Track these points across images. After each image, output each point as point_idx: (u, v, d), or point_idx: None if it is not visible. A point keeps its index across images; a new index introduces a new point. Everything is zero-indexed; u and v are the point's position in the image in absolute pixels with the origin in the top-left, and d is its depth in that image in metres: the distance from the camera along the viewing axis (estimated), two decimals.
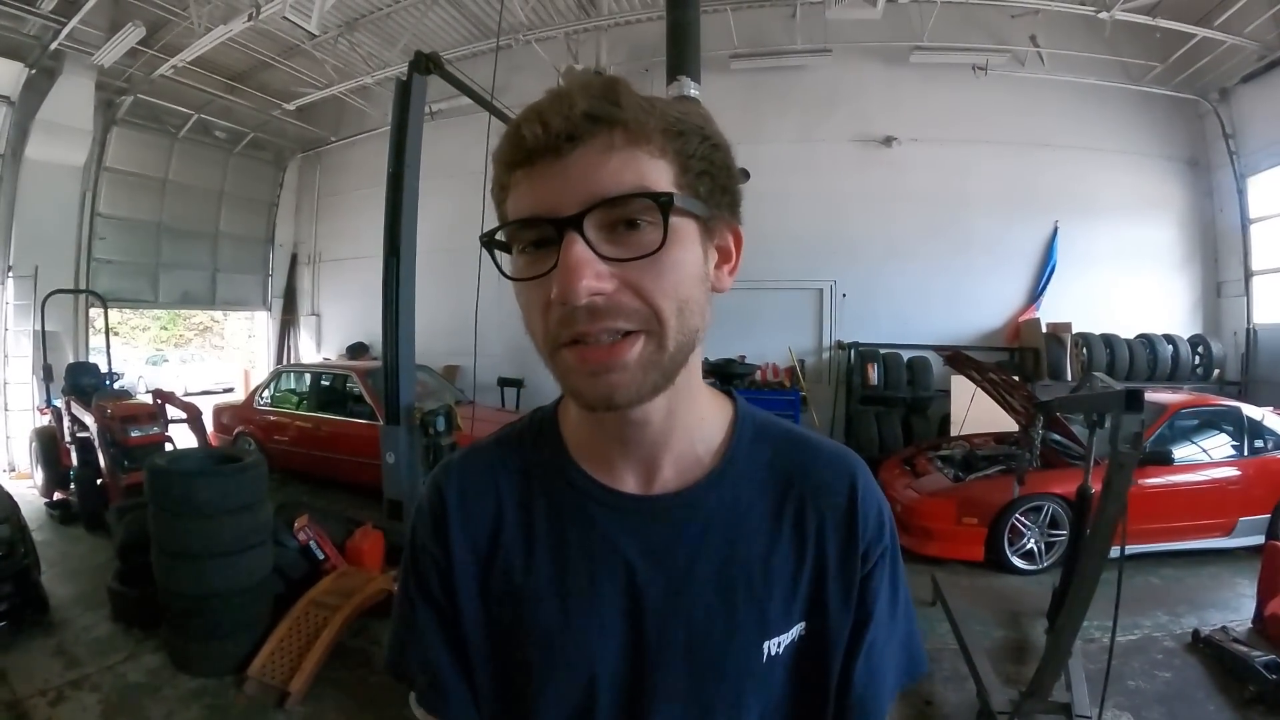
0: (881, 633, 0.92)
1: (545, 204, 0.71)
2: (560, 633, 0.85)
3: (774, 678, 0.87)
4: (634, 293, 0.71)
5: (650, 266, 0.71)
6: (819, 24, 10.16)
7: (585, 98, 0.71)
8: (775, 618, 0.86)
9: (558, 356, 0.75)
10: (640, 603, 0.85)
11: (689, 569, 0.86)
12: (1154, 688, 4.34)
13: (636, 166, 0.71)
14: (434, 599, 0.92)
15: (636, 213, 0.71)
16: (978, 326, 10.79)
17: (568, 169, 0.70)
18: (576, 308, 0.69)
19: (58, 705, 3.88)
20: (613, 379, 0.73)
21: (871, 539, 0.90)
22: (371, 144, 13.46)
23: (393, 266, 5.89)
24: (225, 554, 4.15)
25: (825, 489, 0.91)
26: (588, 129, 0.70)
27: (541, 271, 0.72)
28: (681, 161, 0.74)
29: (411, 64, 5.95)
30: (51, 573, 5.31)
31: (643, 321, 0.72)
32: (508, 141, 0.74)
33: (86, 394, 7.47)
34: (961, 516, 6.25)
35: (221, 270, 14.67)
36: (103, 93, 11.05)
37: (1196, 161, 11.12)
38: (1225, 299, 11.06)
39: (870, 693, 0.91)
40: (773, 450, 0.93)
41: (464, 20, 11.05)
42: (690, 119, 0.76)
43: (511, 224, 0.75)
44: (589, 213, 0.69)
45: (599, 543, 0.87)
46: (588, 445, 0.90)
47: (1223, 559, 6.45)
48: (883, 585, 0.92)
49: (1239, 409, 6.86)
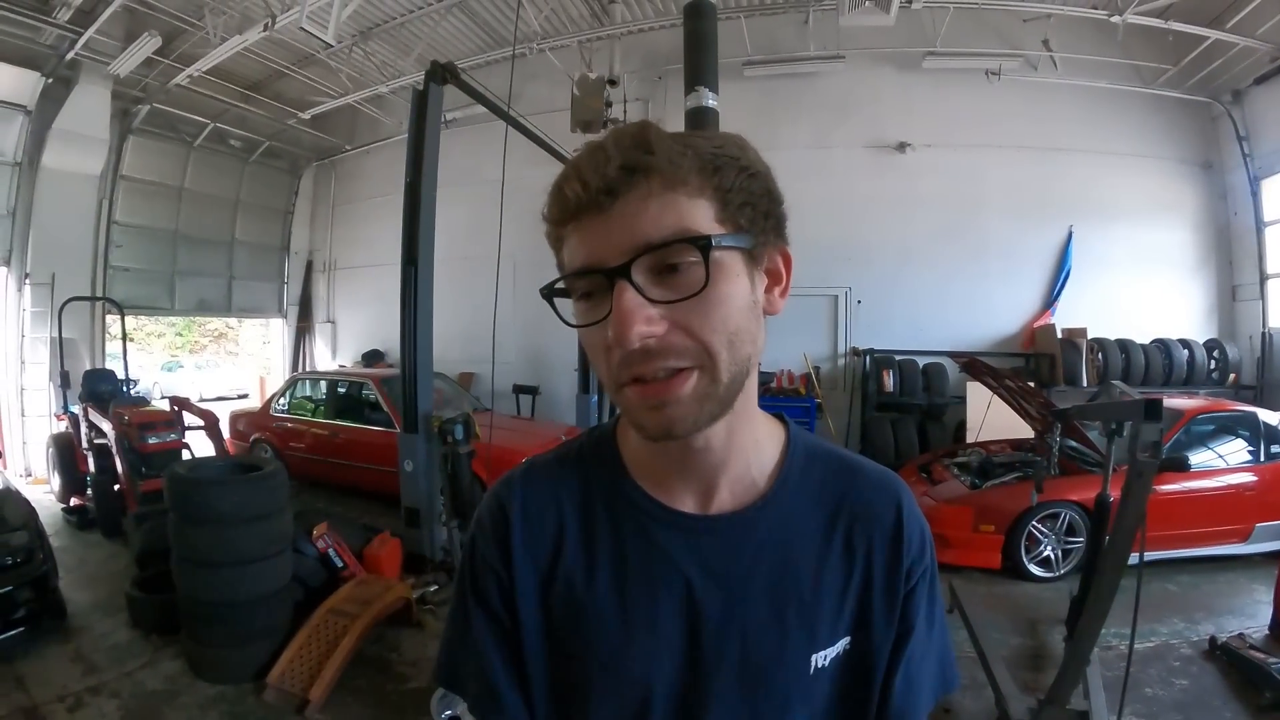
0: (919, 648, 0.95)
1: (595, 256, 0.74)
2: (622, 647, 0.88)
3: (819, 689, 0.91)
4: (684, 332, 0.74)
5: (697, 305, 0.74)
6: (832, 30, 10.17)
7: (619, 151, 0.73)
8: (823, 632, 0.90)
9: (622, 394, 0.79)
10: (699, 618, 0.88)
11: (744, 585, 0.88)
12: (1171, 695, 4.33)
13: (675, 210, 0.73)
14: (493, 611, 0.94)
15: (678, 256, 0.73)
16: (993, 332, 10.77)
17: (610, 221, 0.73)
18: (631, 351, 0.73)
19: (76, 711, 3.90)
20: (670, 412, 0.76)
21: (915, 559, 0.94)
22: (386, 152, 13.58)
23: (411, 275, 5.92)
24: (245, 562, 4.18)
25: (872, 511, 0.94)
26: (625, 181, 0.73)
27: (598, 318, 0.75)
28: (721, 196, 0.76)
29: (428, 74, 5.99)
30: (68, 579, 5.32)
31: (695, 358, 0.75)
32: (553, 200, 0.78)
33: (104, 400, 7.52)
34: (979, 524, 6.23)
35: (237, 278, 14.77)
36: (119, 102, 11.14)
37: (1210, 164, 11.07)
38: (1240, 302, 10.99)
39: (908, 705, 0.95)
40: (822, 473, 0.96)
41: (477, 29, 11.12)
42: (725, 151, 0.78)
43: (566, 276, 0.79)
44: (634, 261, 0.72)
45: (659, 560, 0.89)
46: (647, 466, 0.93)
47: (1239, 565, 6.42)
48: (922, 603, 0.95)
49: (1255, 414, 6.83)
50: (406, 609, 4.98)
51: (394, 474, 6.28)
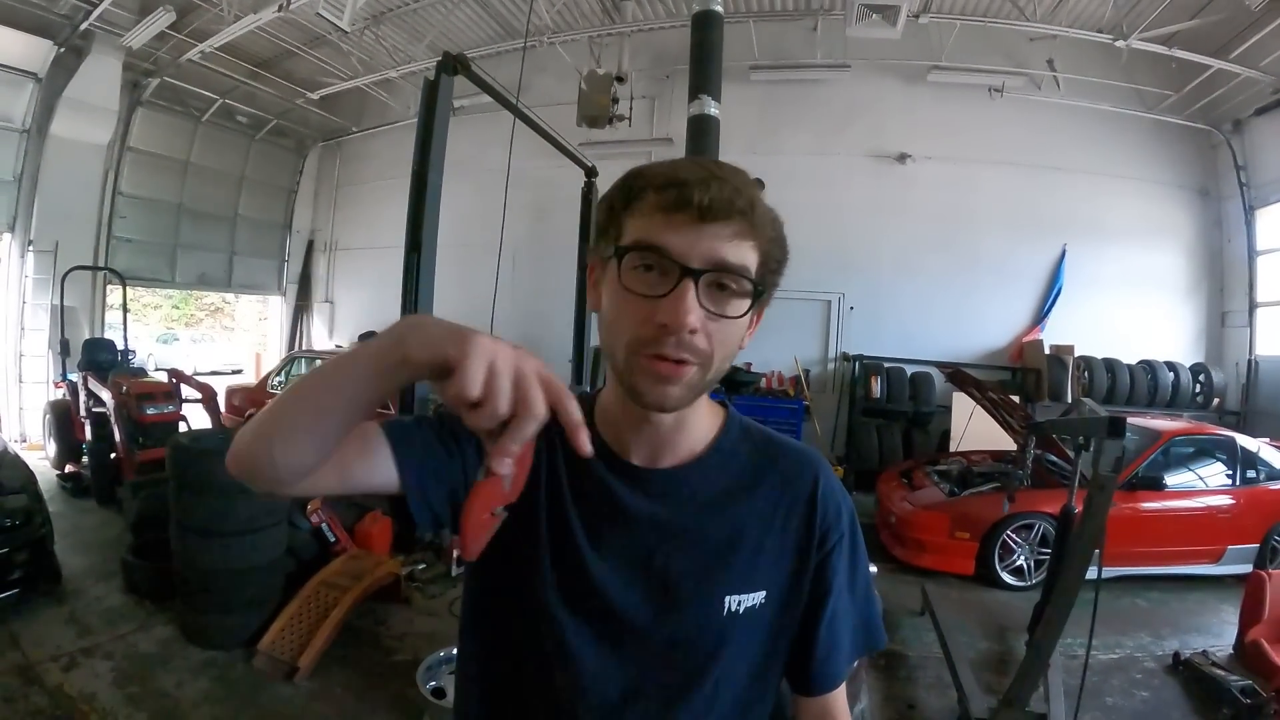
0: (842, 607, 1.13)
1: (679, 250, 0.90)
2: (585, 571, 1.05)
3: (738, 634, 1.06)
4: (706, 338, 0.92)
5: (725, 324, 0.94)
6: (839, 39, 10.24)
7: (739, 195, 0.91)
8: (735, 577, 1.06)
9: (633, 359, 0.94)
10: (639, 552, 1.05)
11: (673, 525, 1.06)
12: (1131, 705, 4.44)
13: (745, 253, 0.93)
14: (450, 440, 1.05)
15: (734, 284, 0.93)
16: (982, 344, 10.87)
17: (702, 233, 0.90)
18: (672, 334, 0.90)
19: (70, 671, 3.98)
20: (669, 390, 0.94)
21: (829, 525, 1.12)
22: (392, 136, 13.62)
23: (413, 262, 5.97)
24: (242, 532, 4.28)
25: (791, 479, 1.13)
26: (729, 214, 0.90)
27: (653, 293, 0.91)
28: (765, 258, 0.96)
29: (440, 64, 6.04)
30: (63, 544, 5.35)
31: (701, 359, 0.93)
32: (672, 189, 0.91)
33: (103, 370, 7.58)
34: (954, 531, 6.35)
35: (238, 253, 14.82)
36: (129, 73, 11.18)
37: (1207, 191, 11.20)
38: (1229, 329, 11.13)
39: (830, 659, 1.13)
40: (751, 446, 1.15)
41: (490, 19, 11.18)
42: (780, 229, 0.99)
43: (644, 246, 0.92)
44: (709, 272, 0.91)
45: (610, 498, 1.07)
46: (611, 427, 1.09)
47: (1210, 585, 6.51)
48: (840, 566, 1.13)
49: (1233, 439, 6.94)
50: (395, 585, 5.08)
51: None
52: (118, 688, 3.86)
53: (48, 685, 3.85)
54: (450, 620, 4.83)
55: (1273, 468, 6.85)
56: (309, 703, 3.87)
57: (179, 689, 3.90)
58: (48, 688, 3.82)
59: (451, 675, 3.73)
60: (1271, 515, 6.64)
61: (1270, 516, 6.63)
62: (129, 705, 3.71)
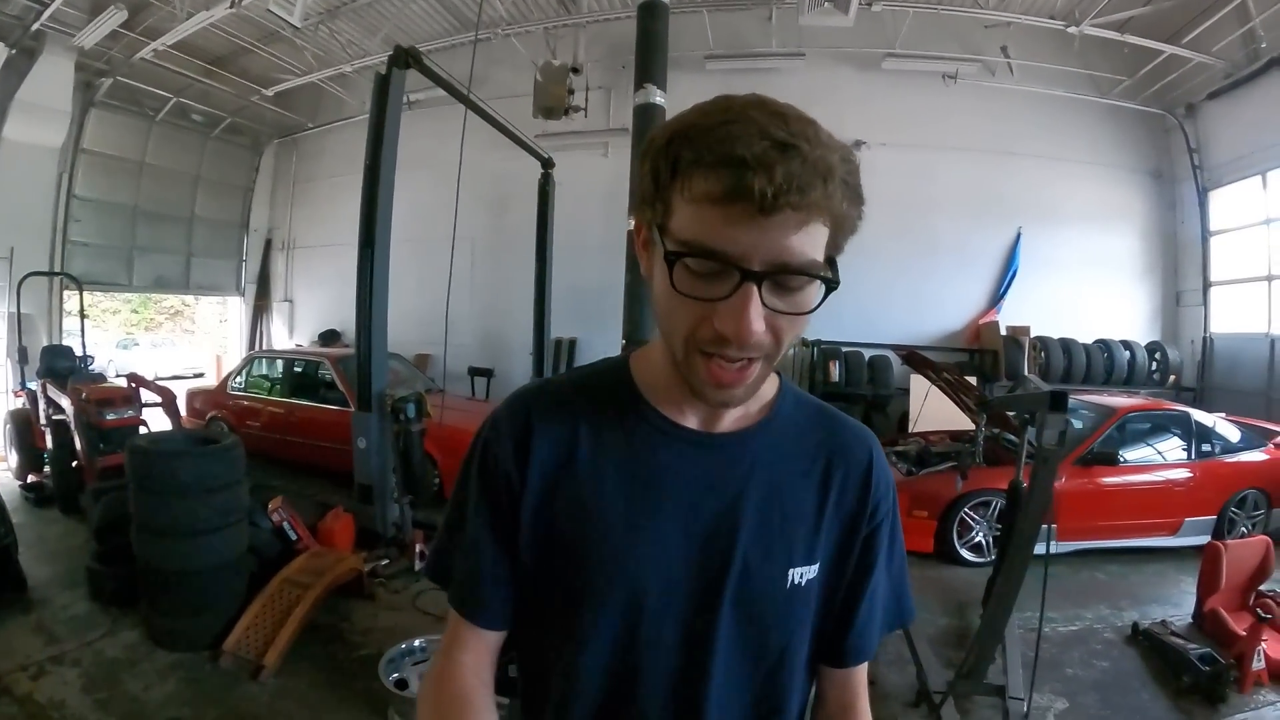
0: (882, 581, 1.11)
1: (739, 250, 0.78)
2: (626, 548, 0.98)
3: (796, 606, 1.04)
4: (773, 334, 0.84)
5: (794, 320, 0.84)
6: (794, 28, 10.32)
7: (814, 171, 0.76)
8: (800, 549, 1.02)
9: (692, 358, 0.87)
10: (695, 521, 0.99)
11: (737, 496, 1.01)
12: (1091, 676, 4.52)
13: (814, 239, 0.80)
14: (496, 508, 1.04)
15: (802, 282, 0.82)
16: (940, 327, 11.08)
17: (766, 230, 0.77)
18: (731, 345, 0.82)
19: (39, 680, 3.95)
20: (733, 392, 0.88)
21: (880, 499, 1.08)
22: (348, 131, 13.48)
23: (367, 257, 5.96)
24: (203, 532, 4.27)
25: (849, 452, 1.08)
26: (799, 203, 0.75)
27: (713, 296, 0.81)
28: (838, 226, 0.83)
29: (391, 58, 6.02)
30: (27, 554, 5.30)
31: (766, 351, 0.86)
32: (725, 168, 0.76)
33: (62, 377, 7.48)
34: (912, 509, 6.42)
35: (196, 255, 14.65)
36: (82, 74, 11.03)
37: (1161, 174, 11.49)
38: (1184, 308, 11.46)
39: (867, 630, 1.11)
40: (809, 414, 1.11)
41: (444, 12, 11.15)
42: (854, 176, 0.83)
43: (701, 251, 0.79)
44: (771, 274, 0.79)
45: (666, 470, 1.00)
46: (662, 390, 1.03)
47: (1168, 557, 6.63)
48: (884, 541, 1.10)
49: (1188, 414, 7.10)
50: (358, 581, 5.09)
51: (349, 452, 6.32)
52: (86, 694, 3.84)
53: (17, 694, 3.82)
54: (414, 614, 4.85)
55: (1228, 441, 7.03)
56: (276, 700, 3.88)
57: (147, 692, 3.89)
58: (17, 697, 3.80)
59: (414, 667, 3.78)
60: (1228, 487, 6.81)
61: (1227, 489, 6.80)
62: (98, 710, 3.70)
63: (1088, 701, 4.21)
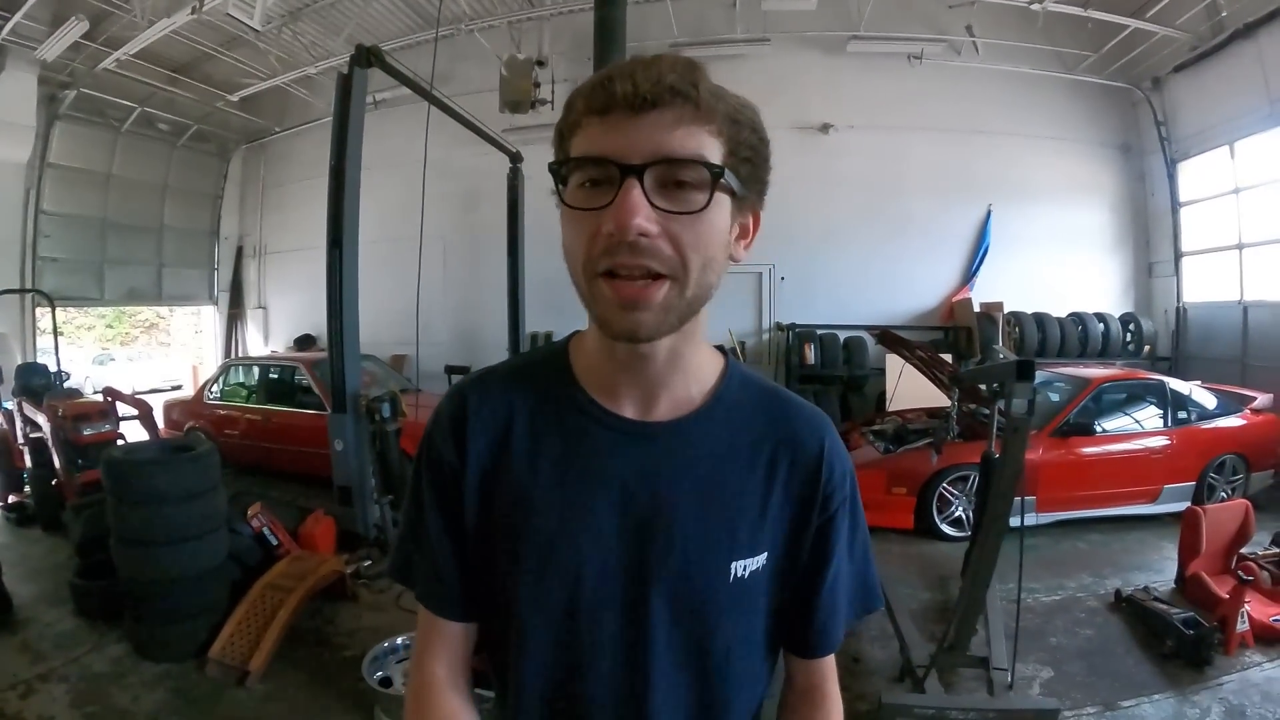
0: (842, 570, 1.07)
1: (617, 150, 0.81)
2: (558, 533, 0.97)
3: (742, 599, 1.01)
4: (670, 242, 0.82)
5: (689, 223, 0.83)
6: (758, 14, 10.34)
7: (671, 72, 0.81)
8: (742, 541, 0.99)
9: (594, 284, 0.86)
10: (630, 513, 0.97)
11: (673, 486, 0.98)
12: (1075, 644, 4.57)
13: (698, 139, 0.82)
14: (444, 500, 1.04)
15: (689, 176, 0.82)
16: (913, 306, 11.16)
17: (640, 126, 0.80)
18: (622, 242, 0.81)
19: (27, 698, 3.95)
20: (639, 316, 0.85)
21: (834, 489, 1.04)
22: (316, 134, 13.37)
23: (335, 258, 5.95)
24: (182, 540, 4.26)
25: (799, 440, 1.04)
26: (667, 98, 0.80)
27: (597, 205, 0.82)
28: (733, 146, 0.85)
29: (352, 58, 5.99)
30: (12, 574, 5.26)
31: (671, 268, 0.83)
32: (597, 89, 0.83)
33: (37, 395, 7.41)
34: (891, 487, 6.50)
35: (167, 265, 14.57)
36: (45, 87, 10.95)
37: (1129, 147, 11.60)
38: (1156, 279, 11.60)
39: (831, 620, 1.08)
40: (756, 399, 1.06)
41: (407, 9, 11.09)
42: (747, 113, 0.88)
43: (580, 158, 0.84)
44: (652, 166, 0.80)
45: (599, 458, 0.99)
46: (596, 374, 1.02)
47: (1149, 524, 6.71)
48: (842, 530, 1.06)
49: (1163, 382, 7.19)
50: (341, 583, 5.09)
51: (327, 456, 6.33)
52: (75, 709, 3.84)
53: (7, 713, 3.82)
54: (397, 614, 4.84)
55: (1204, 408, 7.12)
56: (263, 704, 3.89)
57: (135, 703, 3.89)
58: (7, 715, 3.80)
59: (398, 664, 3.80)
60: (1206, 453, 6.90)
61: (1205, 454, 6.89)
62: None
63: (1073, 669, 4.25)
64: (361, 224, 6.27)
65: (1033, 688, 4.07)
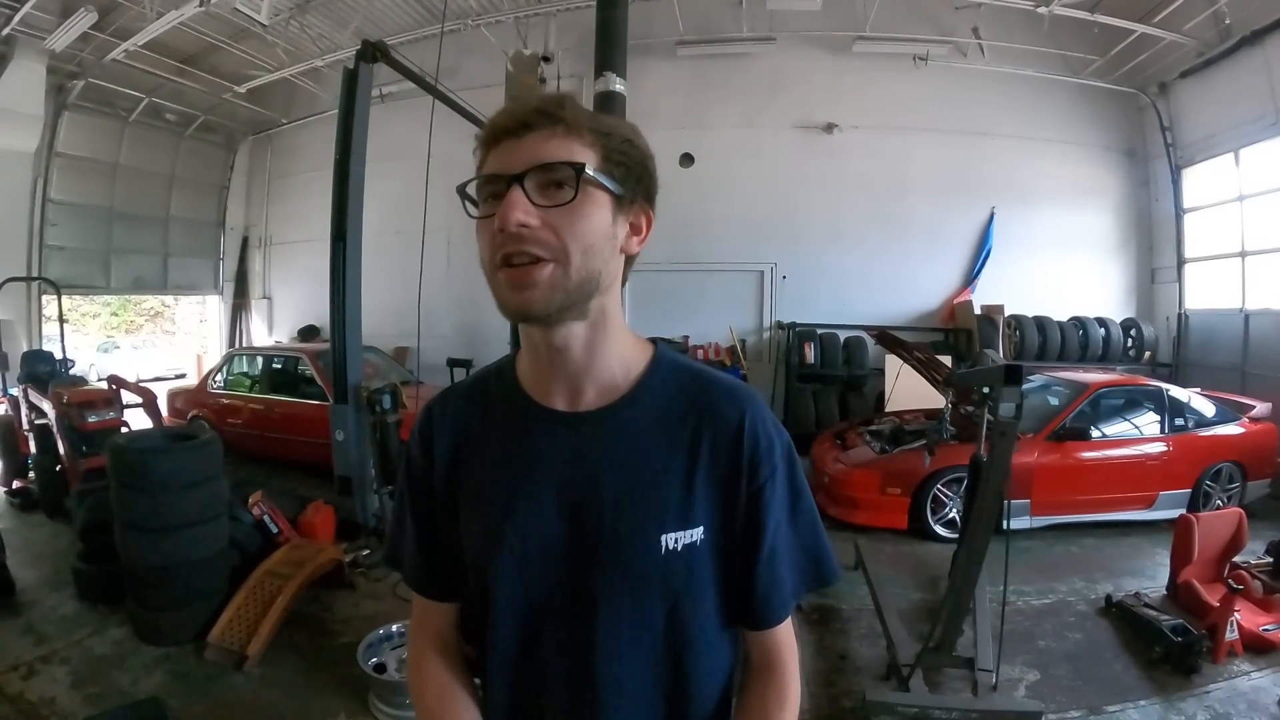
0: (782, 542, 1.13)
1: (503, 166, 0.97)
2: (504, 516, 1.09)
3: (679, 570, 1.07)
4: (551, 231, 0.95)
5: (565, 214, 0.96)
6: (764, 12, 10.35)
7: (541, 103, 0.99)
8: (670, 516, 1.06)
9: (495, 277, 0.99)
10: (565, 495, 1.08)
11: (601, 467, 1.08)
12: (1063, 647, 4.60)
13: (569, 149, 0.97)
14: (421, 501, 1.22)
15: (560, 175, 0.96)
16: (914, 308, 11.14)
17: (520, 146, 0.97)
18: (509, 234, 0.94)
19: (29, 679, 4.01)
20: (527, 294, 0.97)
21: (759, 459, 1.09)
22: (322, 126, 13.36)
23: (339, 251, 6.00)
24: (184, 526, 4.33)
25: (718, 413, 1.11)
26: (539, 121, 0.97)
27: (493, 212, 0.96)
28: (604, 152, 1.00)
29: (359, 52, 6.03)
30: (15, 558, 5.35)
31: (553, 253, 0.96)
32: (489, 127, 1.01)
33: (43, 382, 7.46)
34: (885, 487, 6.53)
35: (173, 254, 14.64)
36: (54, 77, 11.01)
37: (1134, 152, 11.55)
38: (1159, 285, 11.56)
39: (773, 592, 1.13)
40: (680, 382, 1.14)
41: (415, 3, 11.07)
42: (620, 129, 1.05)
43: (477, 178, 1.02)
44: (528, 172, 0.95)
45: (536, 448, 1.11)
46: (532, 376, 1.14)
47: (1143, 530, 6.71)
48: (775, 500, 1.11)
49: (1161, 389, 7.17)
50: (339, 571, 5.16)
51: (328, 446, 6.40)
52: (76, 690, 3.90)
53: (9, 694, 3.87)
54: (393, 602, 4.91)
55: (1202, 415, 7.12)
56: (260, 689, 3.95)
57: (135, 686, 3.94)
58: (9, 696, 3.86)
59: (393, 651, 3.86)
60: (1202, 461, 6.89)
61: (1201, 462, 6.88)
62: (88, 706, 3.73)
63: (1060, 673, 4.28)
64: (366, 217, 6.34)
65: (1018, 690, 4.09)
